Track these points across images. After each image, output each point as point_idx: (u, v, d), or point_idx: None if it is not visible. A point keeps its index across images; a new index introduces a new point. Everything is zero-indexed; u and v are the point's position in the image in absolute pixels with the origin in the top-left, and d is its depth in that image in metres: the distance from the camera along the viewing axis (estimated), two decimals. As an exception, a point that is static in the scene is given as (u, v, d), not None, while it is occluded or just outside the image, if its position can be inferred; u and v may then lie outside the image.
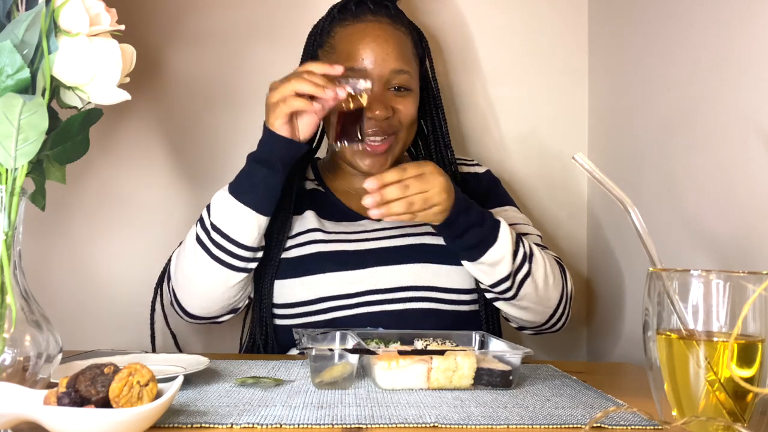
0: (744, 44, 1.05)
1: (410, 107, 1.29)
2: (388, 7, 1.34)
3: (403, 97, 1.28)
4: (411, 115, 1.29)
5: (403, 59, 1.28)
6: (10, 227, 0.79)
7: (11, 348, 0.77)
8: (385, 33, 1.28)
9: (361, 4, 1.32)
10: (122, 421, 0.65)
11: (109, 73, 0.82)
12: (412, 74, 1.30)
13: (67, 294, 1.51)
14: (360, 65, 1.26)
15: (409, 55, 1.31)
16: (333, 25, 1.32)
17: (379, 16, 1.30)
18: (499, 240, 1.14)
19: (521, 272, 1.16)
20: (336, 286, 1.22)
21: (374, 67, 1.26)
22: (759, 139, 1.01)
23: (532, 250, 1.18)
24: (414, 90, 1.30)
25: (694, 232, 1.17)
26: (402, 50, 1.29)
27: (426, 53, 1.39)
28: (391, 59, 1.27)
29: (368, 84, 1.12)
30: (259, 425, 0.73)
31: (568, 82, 1.65)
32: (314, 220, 1.29)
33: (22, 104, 0.75)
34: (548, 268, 1.19)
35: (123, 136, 1.54)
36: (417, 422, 0.75)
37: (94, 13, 0.82)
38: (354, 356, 0.92)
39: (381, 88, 1.26)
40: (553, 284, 1.20)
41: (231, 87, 1.58)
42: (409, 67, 1.30)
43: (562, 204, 1.65)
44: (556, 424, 0.76)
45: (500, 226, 1.15)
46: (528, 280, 1.17)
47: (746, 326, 0.69)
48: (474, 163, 1.44)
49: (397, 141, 1.30)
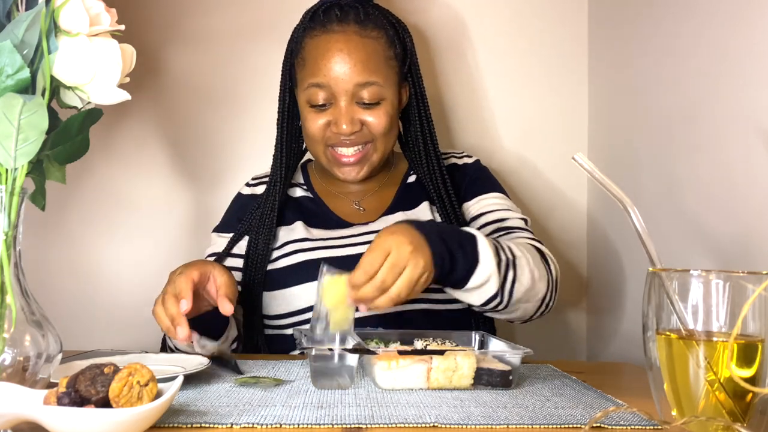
0: (744, 44, 1.05)
1: (381, 119, 1.26)
2: (358, 10, 1.28)
3: (371, 110, 1.26)
4: (382, 125, 1.27)
5: (370, 70, 1.25)
6: (10, 227, 0.79)
7: (11, 348, 0.77)
8: (348, 45, 1.25)
9: (329, 10, 1.29)
10: (122, 421, 0.65)
11: (109, 73, 0.82)
12: (383, 83, 1.26)
13: (66, 294, 1.51)
14: (324, 80, 1.24)
15: (378, 62, 1.26)
16: (304, 35, 1.30)
17: (345, 24, 1.27)
18: (480, 257, 1.04)
19: (507, 282, 1.08)
20: None
21: (338, 81, 1.24)
22: (759, 139, 1.01)
23: (513, 253, 1.09)
24: (387, 98, 1.27)
25: (694, 232, 1.17)
26: (368, 60, 1.25)
27: (409, 49, 1.34)
28: (356, 72, 1.24)
29: None
30: (259, 425, 0.73)
31: (568, 81, 1.65)
32: (302, 229, 1.29)
33: (22, 104, 0.75)
34: (532, 264, 1.11)
35: (123, 136, 1.54)
36: (417, 422, 0.75)
37: (94, 13, 0.82)
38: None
39: (348, 102, 1.25)
40: (539, 278, 1.13)
41: (231, 87, 1.58)
42: (378, 76, 1.25)
43: (562, 204, 1.65)
44: (555, 424, 0.76)
45: (477, 240, 1.05)
46: (516, 285, 1.09)
47: (746, 326, 0.68)
48: (464, 154, 1.42)
49: (374, 150, 1.29)
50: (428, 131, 1.36)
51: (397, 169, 1.40)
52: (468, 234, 1.06)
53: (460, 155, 1.42)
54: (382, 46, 1.29)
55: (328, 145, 1.28)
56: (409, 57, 1.34)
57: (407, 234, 0.99)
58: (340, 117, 1.24)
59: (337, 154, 1.28)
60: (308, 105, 1.27)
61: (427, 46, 1.62)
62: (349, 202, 1.35)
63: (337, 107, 1.25)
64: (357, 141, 1.27)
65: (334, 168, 1.30)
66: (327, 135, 1.27)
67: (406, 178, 1.39)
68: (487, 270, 1.04)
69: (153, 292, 1.45)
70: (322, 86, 1.25)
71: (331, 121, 1.26)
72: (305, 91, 1.27)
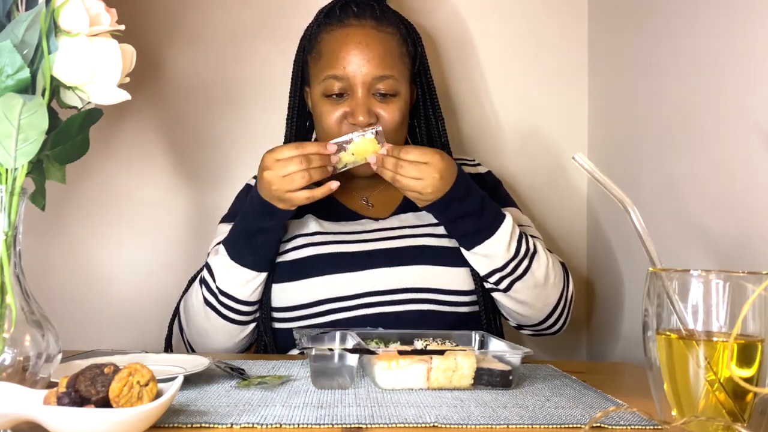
0: (744, 44, 1.05)
1: (395, 112, 1.28)
2: (373, 7, 1.32)
3: (387, 103, 1.28)
4: (395, 120, 1.28)
5: (386, 64, 1.27)
6: (10, 227, 0.79)
7: (11, 348, 0.77)
8: (367, 38, 1.27)
9: (345, 7, 1.32)
10: (122, 421, 0.65)
11: (109, 73, 0.82)
12: (398, 77, 1.29)
13: (66, 294, 1.51)
14: (342, 72, 1.26)
15: (394, 57, 1.30)
16: (319, 31, 1.32)
17: (363, 19, 1.29)
18: (497, 234, 1.18)
19: (521, 267, 1.19)
20: (334, 289, 1.22)
21: (356, 73, 1.26)
22: (759, 139, 1.01)
23: (536, 248, 1.21)
24: (401, 93, 1.29)
25: (694, 232, 1.17)
26: (386, 54, 1.28)
27: (419, 50, 1.37)
28: (373, 65, 1.26)
29: (368, 135, 1.16)
30: (259, 425, 0.73)
31: (568, 81, 1.64)
32: (314, 223, 1.30)
33: (22, 104, 0.75)
34: (550, 267, 1.22)
35: (123, 135, 1.54)
36: (417, 422, 0.75)
37: (94, 13, 0.82)
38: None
39: (364, 94, 1.26)
40: (554, 283, 1.22)
41: (231, 86, 1.58)
42: (394, 70, 1.28)
43: (562, 204, 1.65)
44: (555, 424, 0.76)
45: (503, 221, 1.19)
46: (527, 275, 1.20)
47: (746, 326, 0.69)
48: (475, 163, 1.44)
49: None
50: (439, 133, 1.37)
51: None
52: (498, 211, 1.20)
53: (472, 163, 1.43)
54: (397, 43, 1.31)
55: None
56: (419, 58, 1.37)
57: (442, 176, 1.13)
58: (357, 107, 1.25)
59: None
60: (324, 96, 1.28)
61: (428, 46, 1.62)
62: (357, 198, 1.36)
63: (354, 98, 1.26)
64: None
65: None
66: (342, 129, 1.28)
67: None
68: (496, 246, 1.18)
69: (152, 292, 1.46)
70: (340, 78, 1.26)
71: (348, 112, 1.27)
72: (322, 83, 1.28)
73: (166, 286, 1.51)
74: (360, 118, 1.25)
